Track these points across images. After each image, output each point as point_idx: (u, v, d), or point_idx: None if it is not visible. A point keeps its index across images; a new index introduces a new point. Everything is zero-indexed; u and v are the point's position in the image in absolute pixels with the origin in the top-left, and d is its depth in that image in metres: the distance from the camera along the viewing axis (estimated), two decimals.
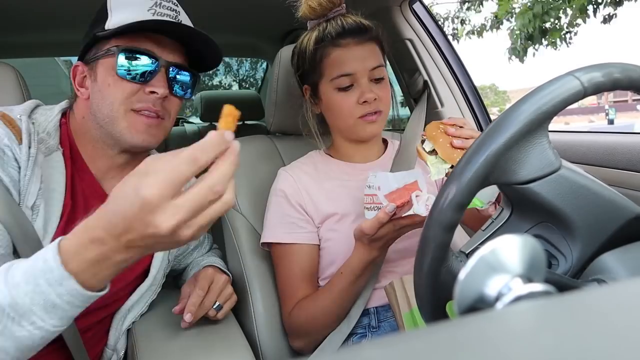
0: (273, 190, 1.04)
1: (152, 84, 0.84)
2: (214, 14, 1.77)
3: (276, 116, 1.17)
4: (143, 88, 0.83)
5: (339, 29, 0.96)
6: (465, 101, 1.51)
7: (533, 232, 0.58)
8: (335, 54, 0.96)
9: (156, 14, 0.84)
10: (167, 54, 0.86)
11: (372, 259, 0.87)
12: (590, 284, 0.51)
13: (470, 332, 0.23)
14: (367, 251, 0.86)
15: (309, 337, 0.98)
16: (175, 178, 0.49)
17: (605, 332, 0.21)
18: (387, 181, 0.82)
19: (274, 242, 1.01)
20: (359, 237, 0.86)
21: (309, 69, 1.02)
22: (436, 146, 0.82)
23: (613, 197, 0.55)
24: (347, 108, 0.97)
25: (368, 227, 0.82)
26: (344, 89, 0.96)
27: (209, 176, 0.51)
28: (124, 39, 0.83)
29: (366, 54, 0.96)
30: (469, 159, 0.49)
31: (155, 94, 0.83)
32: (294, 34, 2.03)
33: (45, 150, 0.81)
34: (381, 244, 0.85)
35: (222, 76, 4.92)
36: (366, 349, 0.21)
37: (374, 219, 0.81)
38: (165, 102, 0.86)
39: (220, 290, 0.92)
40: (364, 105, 0.96)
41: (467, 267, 0.37)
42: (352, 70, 0.95)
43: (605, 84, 0.50)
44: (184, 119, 2.85)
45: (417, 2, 1.51)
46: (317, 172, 1.06)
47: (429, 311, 0.54)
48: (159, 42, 0.85)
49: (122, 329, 0.93)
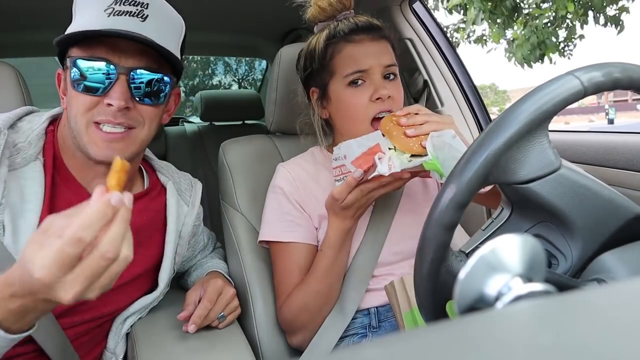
0: (271, 187, 1.04)
1: (109, 95, 0.76)
2: (214, 14, 1.77)
3: (276, 116, 1.17)
4: (102, 100, 0.77)
5: (352, 26, 0.95)
6: (465, 101, 1.51)
7: (533, 231, 0.58)
8: (348, 49, 0.94)
9: (114, 14, 0.76)
10: (126, 59, 0.77)
11: (347, 229, 0.89)
12: (590, 283, 0.51)
13: (470, 331, 0.23)
14: (340, 220, 0.88)
15: (304, 329, 0.97)
16: (63, 259, 0.50)
17: (605, 331, 0.21)
18: (350, 148, 0.84)
19: (272, 241, 1.01)
20: (330, 206, 0.88)
21: (318, 68, 0.98)
22: (392, 140, 0.82)
23: (613, 197, 0.55)
24: (360, 106, 0.93)
25: (337, 192, 0.84)
26: (357, 86, 0.93)
27: (98, 245, 0.52)
28: (80, 47, 0.77)
29: (380, 51, 0.94)
30: (469, 159, 0.49)
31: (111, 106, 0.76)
32: (294, 33, 2.03)
33: (21, 161, 0.77)
34: (352, 212, 0.87)
35: (222, 76, 4.92)
36: (366, 348, 0.21)
37: (343, 184, 0.83)
38: (131, 112, 0.79)
39: (227, 303, 0.92)
40: (377, 102, 0.92)
41: (467, 267, 0.37)
42: (367, 66, 0.92)
43: (605, 84, 0.50)
44: (184, 118, 2.84)
45: (417, 2, 1.51)
46: (316, 168, 1.05)
47: (429, 311, 0.54)
48: (116, 47, 0.76)
49: (121, 333, 0.93)
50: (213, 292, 0.90)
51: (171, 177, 1.01)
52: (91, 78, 0.76)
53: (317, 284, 0.93)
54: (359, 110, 0.93)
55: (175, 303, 1.02)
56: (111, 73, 0.76)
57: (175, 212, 0.96)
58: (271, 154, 1.19)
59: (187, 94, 4.79)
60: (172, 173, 1.03)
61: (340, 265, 0.94)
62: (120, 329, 0.93)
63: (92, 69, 0.76)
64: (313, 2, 0.98)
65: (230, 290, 0.94)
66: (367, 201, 0.86)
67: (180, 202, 0.99)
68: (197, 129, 2.37)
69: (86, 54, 0.77)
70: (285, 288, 0.99)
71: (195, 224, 1.03)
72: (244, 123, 2.41)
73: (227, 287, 0.94)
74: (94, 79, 0.76)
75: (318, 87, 1.00)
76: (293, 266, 0.98)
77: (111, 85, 0.76)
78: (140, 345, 0.89)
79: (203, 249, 1.13)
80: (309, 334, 0.98)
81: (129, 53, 0.77)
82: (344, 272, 0.96)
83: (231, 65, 4.81)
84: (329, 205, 0.88)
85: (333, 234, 0.90)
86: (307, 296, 0.94)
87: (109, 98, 0.76)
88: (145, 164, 1.01)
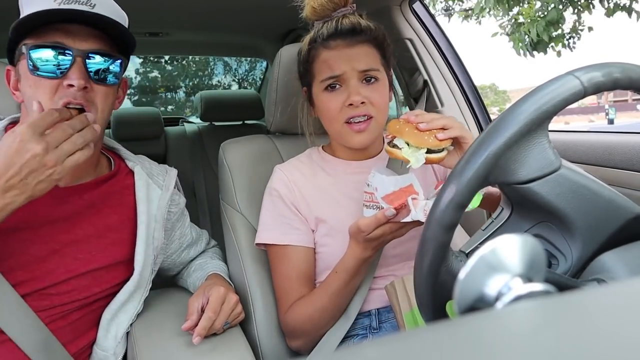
0: (268, 189, 1.04)
1: (68, 76, 0.81)
2: (214, 14, 1.77)
3: (276, 116, 1.17)
4: (62, 82, 0.81)
5: (332, 30, 0.94)
6: (465, 101, 1.51)
7: (533, 231, 0.58)
8: (325, 55, 0.95)
9: (63, 3, 0.81)
10: (80, 43, 0.82)
11: (366, 258, 0.87)
12: (590, 283, 0.51)
13: (470, 332, 0.23)
14: (361, 250, 0.86)
15: (306, 336, 0.98)
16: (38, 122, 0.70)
17: (605, 331, 0.21)
18: (383, 184, 0.83)
19: (269, 244, 1.00)
20: (354, 234, 0.85)
21: (302, 70, 1.01)
22: (404, 137, 0.82)
23: (613, 197, 0.55)
24: (333, 110, 0.94)
25: (365, 225, 0.81)
26: (333, 90, 0.94)
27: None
28: (32, 36, 0.81)
29: (356, 56, 0.94)
30: (469, 159, 0.49)
31: (72, 86, 0.81)
32: (294, 33, 2.03)
33: None
34: (376, 244, 0.85)
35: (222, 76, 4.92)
36: (366, 348, 0.21)
37: (372, 218, 0.81)
38: (89, 94, 0.83)
39: (231, 311, 0.91)
40: (349, 108, 0.92)
41: (467, 267, 0.37)
42: (340, 71, 0.93)
43: (605, 84, 0.50)
44: (184, 118, 2.84)
45: (417, 2, 1.51)
46: (312, 170, 1.05)
47: (429, 311, 0.54)
48: (69, 32, 0.82)
49: (118, 332, 0.92)
50: (216, 302, 0.89)
51: (140, 162, 1.03)
52: (48, 61, 0.81)
53: (326, 302, 0.92)
54: (332, 115, 0.95)
55: (175, 303, 1.02)
56: (67, 55, 0.81)
57: (145, 194, 0.97)
58: (271, 154, 1.19)
59: (188, 94, 4.79)
60: (142, 161, 1.05)
61: (352, 289, 0.93)
62: (113, 326, 0.92)
63: (49, 54, 0.81)
64: (307, 2, 0.97)
65: (233, 297, 0.93)
66: (392, 238, 0.85)
67: (152, 186, 1.00)
68: (197, 129, 2.37)
69: (41, 41, 0.81)
70: (285, 293, 0.98)
71: (172, 209, 1.03)
72: (244, 123, 2.41)
73: (230, 294, 0.93)
74: (51, 62, 0.81)
75: (306, 87, 1.03)
76: (290, 270, 0.98)
77: (69, 67, 0.81)
78: (140, 346, 0.89)
79: (193, 245, 1.13)
80: (310, 341, 0.98)
81: (82, 36, 0.82)
82: (354, 295, 0.96)
83: (231, 65, 4.81)
84: (353, 234, 0.85)
85: (351, 261, 0.88)
86: (314, 311, 0.94)
87: (69, 79, 0.81)
88: (112, 153, 1.04)
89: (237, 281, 1.07)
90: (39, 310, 0.83)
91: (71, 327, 0.88)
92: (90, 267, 0.89)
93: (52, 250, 0.85)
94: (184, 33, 2.05)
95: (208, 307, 0.88)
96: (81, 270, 0.88)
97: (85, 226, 0.90)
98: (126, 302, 0.94)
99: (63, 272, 0.86)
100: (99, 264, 0.90)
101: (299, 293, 0.97)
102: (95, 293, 0.90)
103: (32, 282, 0.83)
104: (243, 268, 1.07)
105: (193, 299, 0.91)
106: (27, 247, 0.84)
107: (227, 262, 1.14)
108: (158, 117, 2.26)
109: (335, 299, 0.92)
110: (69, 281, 0.86)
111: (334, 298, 0.92)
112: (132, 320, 0.94)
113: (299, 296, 0.97)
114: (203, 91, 2.34)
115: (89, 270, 0.89)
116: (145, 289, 0.98)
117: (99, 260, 0.90)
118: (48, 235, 0.86)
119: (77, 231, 0.89)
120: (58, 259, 0.86)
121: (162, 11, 1.70)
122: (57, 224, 0.87)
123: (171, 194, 1.03)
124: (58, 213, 0.87)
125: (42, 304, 0.84)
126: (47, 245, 0.85)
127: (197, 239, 1.14)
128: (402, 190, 0.80)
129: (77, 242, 0.88)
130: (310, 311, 0.94)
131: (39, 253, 0.84)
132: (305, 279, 0.99)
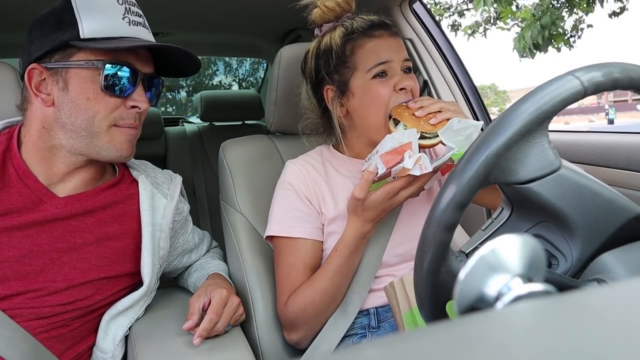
0: (280, 183, 1.03)
1: (133, 98, 0.84)
2: (214, 14, 1.77)
3: (276, 116, 1.17)
4: (125, 102, 0.84)
5: (369, 22, 0.97)
6: (465, 101, 1.51)
7: (533, 231, 0.58)
8: (371, 44, 0.96)
9: (132, 23, 0.83)
10: (142, 65, 0.86)
11: (364, 233, 0.90)
12: (590, 283, 0.51)
13: (470, 332, 0.23)
14: (360, 223, 0.88)
15: (306, 326, 0.97)
16: None
17: (605, 331, 0.21)
18: (384, 142, 0.85)
19: (280, 236, 0.99)
20: (352, 207, 0.88)
21: (338, 64, 0.98)
22: (402, 119, 0.89)
23: (613, 197, 0.55)
24: (385, 96, 0.95)
25: (357, 191, 0.84)
26: (382, 78, 0.96)
27: None
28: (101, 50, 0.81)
29: (398, 46, 0.98)
30: (469, 159, 0.49)
31: (137, 108, 0.84)
32: (294, 33, 2.03)
33: None
34: (374, 214, 0.87)
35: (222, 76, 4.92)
36: (366, 348, 0.21)
37: (361, 181, 0.84)
38: (142, 115, 0.87)
39: (233, 313, 0.91)
40: (400, 92, 0.95)
41: (467, 267, 0.37)
42: (389, 57, 0.95)
43: (605, 84, 0.50)
44: (184, 118, 2.84)
45: (417, 2, 1.51)
46: (324, 167, 1.05)
47: (429, 311, 0.54)
48: (137, 55, 0.85)
49: (116, 335, 0.91)
50: (219, 304, 0.88)
51: (144, 171, 1.01)
52: (121, 81, 0.83)
53: (327, 282, 0.93)
54: (384, 101, 0.95)
55: (175, 303, 1.02)
56: (136, 78, 0.84)
57: (149, 204, 0.96)
58: (271, 154, 1.19)
59: (188, 94, 4.79)
60: (147, 169, 1.04)
61: (351, 267, 0.94)
62: (108, 327, 0.91)
63: (122, 73, 0.83)
64: (320, 3, 0.98)
65: (235, 299, 0.93)
66: (390, 205, 0.87)
67: (157, 195, 0.99)
68: (197, 129, 2.37)
69: (116, 58, 0.82)
70: (289, 283, 0.98)
71: (176, 219, 1.02)
72: (244, 123, 2.41)
73: (232, 296, 0.93)
74: (123, 83, 0.83)
75: (335, 84, 1.00)
76: (298, 262, 0.97)
77: (134, 89, 0.84)
78: (140, 346, 0.88)
79: (195, 249, 1.12)
80: (309, 332, 0.97)
81: (144, 60, 0.86)
82: (352, 275, 0.96)
83: (232, 65, 4.81)
84: (351, 207, 0.88)
85: (350, 236, 0.90)
86: (315, 293, 0.94)
87: (134, 101, 0.84)
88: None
89: (237, 281, 1.07)
90: (39, 318, 0.82)
91: (72, 334, 0.88)
92: (90, 277, 0.87)
93: (50, 259, 0.84)
94: (185, 33, 2.05)
95: (210, 308, 0.87)
96: (80, 280, 0.86)
97: (85, 235, 0.88)
98: (129, 308, 0.93)
99: (62, 281, 0.84)
100: (100, 275, 0.89)
101: (302, 282, 0.97)
102: (97, 301, 0.90)
103: (31, 291, 0.82)
104: (243, 268, 1.07)
105: (194, 298, 0.91)
106: (23, 255, 0.82)
107: (227, 262, 1.14)
108: (158, 117, 2.26)
109: (336, 278, 0.93)
110: (69, 290, 0.85)
111: (335, 278, 0.93)
112: (131, 323, 0.94)
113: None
114: (203, 91, 2.35)
115: (89, 280, 0.87)
116: (150, 297, 0.97)
117: (101, 271, 0.89)
118: (46, 244, 0.84)
119: (75, 240, 0.87)
120: (57, 269, 0.84)
121: (163, 11, 1.70)
122: (55, 233, 0.85)
123: (176, 202, 1.01)
124: (56, 222, 0.86)
125: (44, 311, 0.83)
126: (46, 255, 0.84)
127: (199, 243, 1.14)
128: (400, 148, 0.83)
129: (76, 251, 0.87)
130: (311, 293, 0.94)
131: (36, 262, 0.83)
132: (312, 270, 0.98)
